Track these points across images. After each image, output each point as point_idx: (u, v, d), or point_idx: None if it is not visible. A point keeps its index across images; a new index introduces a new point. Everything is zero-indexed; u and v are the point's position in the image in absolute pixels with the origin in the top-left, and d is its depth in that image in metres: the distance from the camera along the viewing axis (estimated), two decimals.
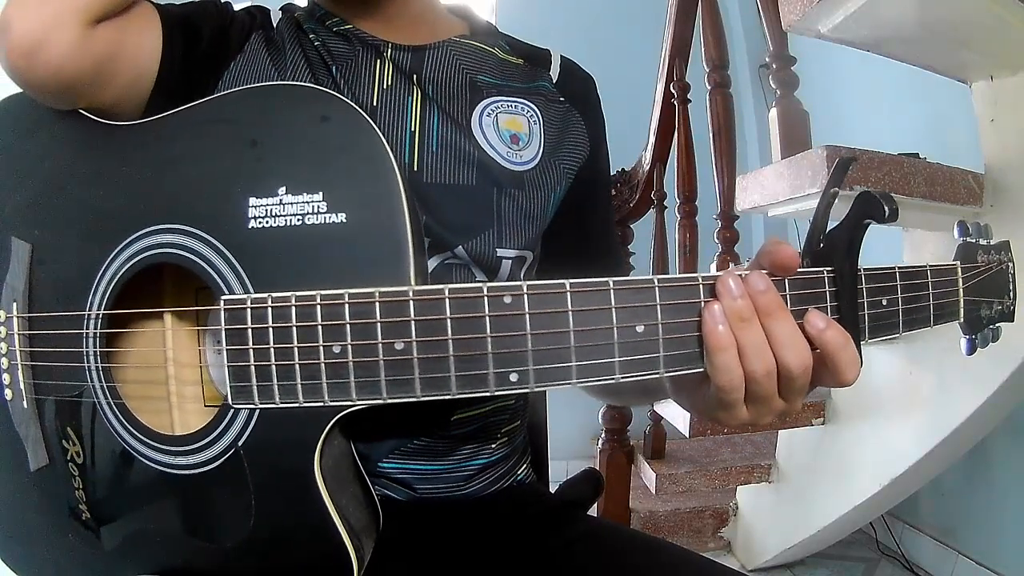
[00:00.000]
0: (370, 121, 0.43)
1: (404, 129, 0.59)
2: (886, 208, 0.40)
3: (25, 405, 0.51)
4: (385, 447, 0.58)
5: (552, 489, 0.73)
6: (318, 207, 0.41)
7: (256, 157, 0.44)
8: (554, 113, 0.66)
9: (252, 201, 0.42)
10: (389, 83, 0.60)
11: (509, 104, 0.64)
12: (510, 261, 0.60)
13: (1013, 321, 0.53)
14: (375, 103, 0.59)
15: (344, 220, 0.41)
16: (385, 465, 0.59)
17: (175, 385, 0.50)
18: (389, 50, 0.61)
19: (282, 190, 0.42)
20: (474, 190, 0.59)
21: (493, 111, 0.63)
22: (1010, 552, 1.56)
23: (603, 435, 1.80)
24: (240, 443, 0.43)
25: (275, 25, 0.63)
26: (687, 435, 1.52)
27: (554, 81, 0.69)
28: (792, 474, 1.72)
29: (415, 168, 0.58)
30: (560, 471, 0.73)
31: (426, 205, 0.56)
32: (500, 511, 0.63)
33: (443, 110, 0.60)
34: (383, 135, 0.57)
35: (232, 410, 0.42)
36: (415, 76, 0.61)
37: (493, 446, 0.64)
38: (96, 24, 0.48)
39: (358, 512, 0.46)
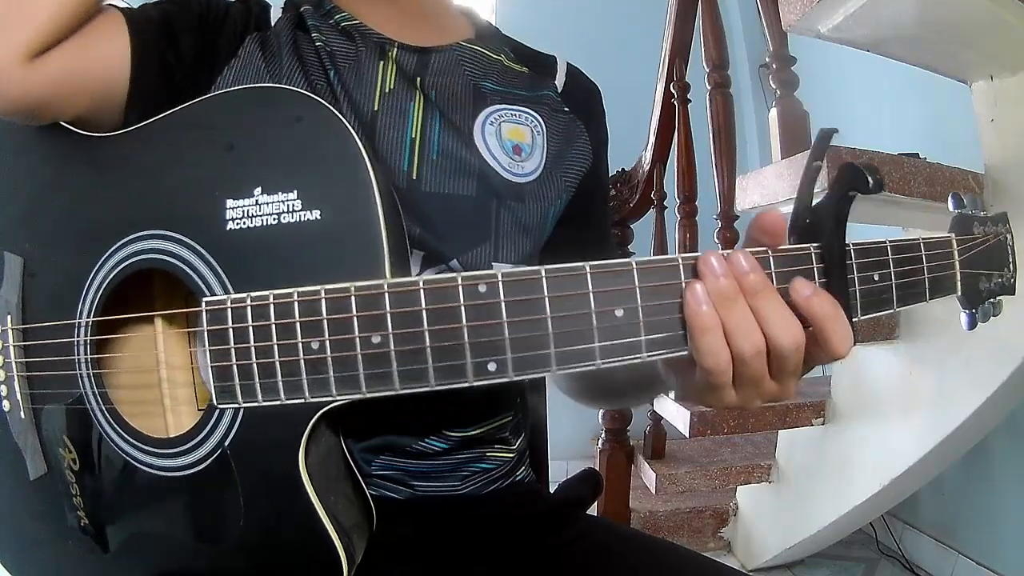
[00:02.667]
0: (342, 119, 0.43)
1: (404, 136, 0.58)
2: (870, 179, 0.39)
3: (23, 415, 0.51)
4: (376, 453, 0.58)
5: (552, 489, 0.72)
6: (293, 205, 0.42)
7: (232, 160, 0.44)
8: (558, 123, 0.65)
9: (229, 203, 0.43)
10: (391, 87, 0.59)
11: (513, 113, 0.62)
12: None
13: (1014, 294, 0.50)
14: (376, 107, 0.58)
15: (319, 217, 0.41)
16: (377, 466, 0.58)
17: (168, 388, 0.50)
18: (395, 51, 0.59)
19: (258, 191, 0.42)
20: (472, 201, 0.58)
21: (496, 120, 0.61)
22: (1010, 552, 1.55)
23: (603, 435, 1.80)
24: (227, 443, 0.43)
25: (273, 25, 0.61)
26: (687, 435, 1.51)
27: (559, 90, 0.67)
28: (792, 474, 1.72)
29: (414, 176, 0.57)
30: (560, 471, 0.73)
31: (422, 215, 0.55)
32: (499, 511, 0.63)
33: (445, 116, 0.59)
34: (383, 141, 0.57)
35: (218, 410, 0.43)
36: (419, 80, 0.59)
37: (491, 454, 0.63)
38: (43, 53, 0.46)
39: (348, 510, 0.46)
